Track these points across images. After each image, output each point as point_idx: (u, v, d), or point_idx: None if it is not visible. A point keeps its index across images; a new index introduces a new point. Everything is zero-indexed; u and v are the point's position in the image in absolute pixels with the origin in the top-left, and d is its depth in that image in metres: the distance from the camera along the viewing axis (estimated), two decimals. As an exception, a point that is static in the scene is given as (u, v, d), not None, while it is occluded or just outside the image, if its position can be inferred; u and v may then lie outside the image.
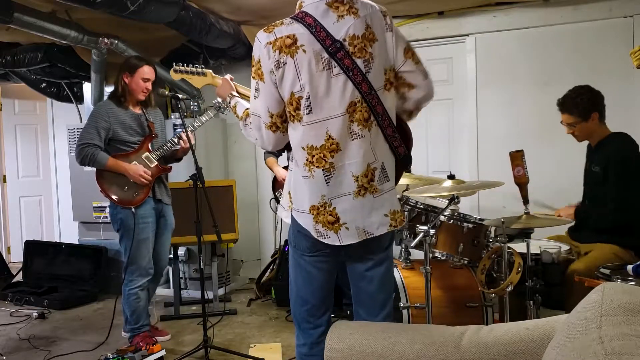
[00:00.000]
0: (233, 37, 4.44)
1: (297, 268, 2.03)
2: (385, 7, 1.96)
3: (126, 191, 3.34)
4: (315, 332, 2.04)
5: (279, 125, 1.91)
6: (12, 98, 6.60)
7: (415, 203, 3.06)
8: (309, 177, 1.90)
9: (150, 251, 3.43)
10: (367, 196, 1.90)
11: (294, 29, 1.83)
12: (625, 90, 3.88)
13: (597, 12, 4.00)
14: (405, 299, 2.88)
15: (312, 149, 1.88)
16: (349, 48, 1.84)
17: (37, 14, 3.63)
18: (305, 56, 1.81)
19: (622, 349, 0.97)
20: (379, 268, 2.01)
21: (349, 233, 1.90)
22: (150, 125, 3.50)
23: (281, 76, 1.83)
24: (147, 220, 3.38)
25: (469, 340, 1.47)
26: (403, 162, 2.01)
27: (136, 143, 3.42)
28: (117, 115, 3.36)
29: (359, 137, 1.88)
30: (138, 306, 3.40)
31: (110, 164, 3.30)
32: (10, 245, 6.67)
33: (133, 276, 3.37)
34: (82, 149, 3.28)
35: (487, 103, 4.34)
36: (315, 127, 1.86)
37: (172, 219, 3.62)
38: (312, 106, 1.84)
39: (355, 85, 1.85)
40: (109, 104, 3.40)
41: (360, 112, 1.87)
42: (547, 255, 2.73)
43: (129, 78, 3.38)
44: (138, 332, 3.42)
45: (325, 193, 1.89)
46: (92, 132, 3.30)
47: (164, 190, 3.54)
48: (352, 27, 1.85)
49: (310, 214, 1.91)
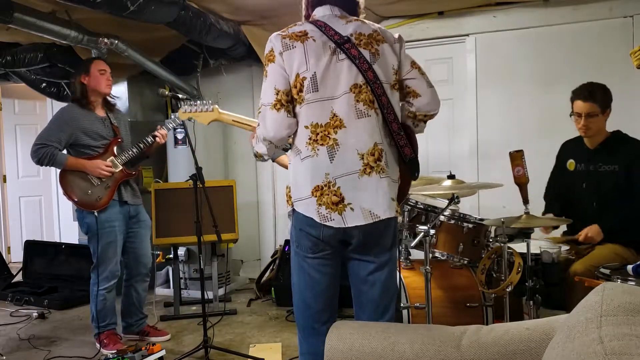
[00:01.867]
0: (233, 37, 4.44)
1: (299, 272, 2.00)
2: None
3: (89, 195, 3.33)
4: (320, 340, 1.95)
5: (284, 103, 1.90)
6: (12, 98, 6.60)
7: (415, 203, 3.06)
8: (312, 155, 1.89)
9: (118, 254, 3.45)
10: (373, 175, 1.88)
11: (305, 27, 1.95)
12: (625, 90, 3.88)
13: (597, 12, 4.00)
14: (405, 299, 2.88)
15: (317, 126, 1.89)
16: (356, 41, 1.92)
17: (37, 14, 3.63)
18: (314, 43, 1.90)
19: (622, 349, 0.97)
20: (381, 272, 1.98)
21: (354, 214, 1.87)
22: (115, 129, 3.49)
23: (289, 56, 1.90)
24: (113, 224, 3.38)
25: (469, 340, 1.47)
26: (409, 165, 1.99)
27: (100, 147, 3.40)
28: (80, 119, 3.36)
29: (365, 115, 1.90)
30: (104, 306, 3.43)
31: (70, 162, 3.30)
32: (10, 245, 6.67)
33: (100, 278, 3.38)
34: (39, 149, 3.26)
35: (487, 103, 4.34)
36: (319, 105, 1.89)
37: (145, 217, 3.63)
38: (318, 84, 1.88)
39: (361, 71, 1.90)
40: (73, 108, 3.39)
41: (366, 94, 1.91)
42: (547, 255, 2.72)
43: (87, 78, 3.39)
44: (104, 329, 3.43)
45: (329, 171, 1.88)
46: (52, 133, 3.31)
47: (131, 191, 3.52)
48: (359, 27, 1.97)
49: (313, 196, 1.89)
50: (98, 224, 3.32)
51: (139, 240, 3.57)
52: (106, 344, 3.40)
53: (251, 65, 5.13)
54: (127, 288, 3.60)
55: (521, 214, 2.73)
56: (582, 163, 3.08)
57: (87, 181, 3.33)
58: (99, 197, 3.34)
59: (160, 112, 5.59)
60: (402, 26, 4.40)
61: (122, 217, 3.45)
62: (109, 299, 3.45)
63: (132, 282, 3.59)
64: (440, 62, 4.49)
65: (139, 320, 3.66)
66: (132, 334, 3.64)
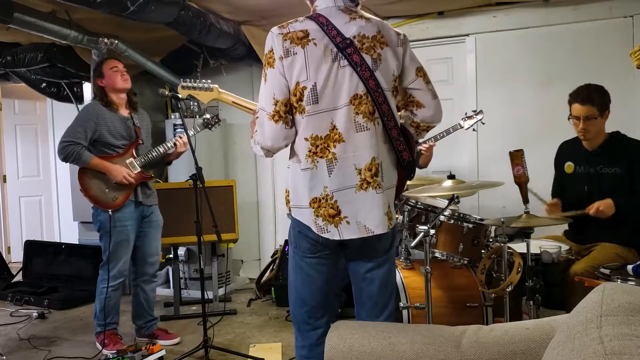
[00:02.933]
0: (233, 37, 4.44)
1: (297, 270, 2.03)
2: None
3: (106, 194, 3.34)
4: (314, 334, 2.03)
5: (282, 115, 1.88)
6: (12, 98, 6.60)
7: (415, 203, 3.06)
8: (311, 168, 1.89)
9: (128, 254, 3.45)
10: (369, 191, 1.89)
11: (306, 25, 1.89)
12: (625, 90, 3.88)
13: (597, 12, 3.99)
14: (405, 299, 2.88)
15: (317, 139, 1.88)
16: (358, 45, 1.88)
17: (37, 14, 3.63)
18: (316, 49, 1.86)
19: (622, 349, 0.97)
20: (379, 270, 2.02)
21: (349, 228, 1.89)
22: (137, 130, 3.49)
23: (290, 64, 1.86)
24: (126, 223, 3.39)
25: (469, 340, 1.47)
26: (406, 169, 2.01)
27: (120, 147, 3.41)
28: (105, 117, 3.36)
29: (364, 129, 1.88)
30: (108, 304, 3.43)
31: (94, 162, 3.30)
32: (10, 245, 6.67)
33: (108, 275, 3.38)
34: (67, 146, 3.27)
35: (487, 103, 4.33)
36: (319, 117, 1.87)
37: (158, 217, 3.63)
38: (318, 96, 1.86)
39: (363, 80, 1.87)
40: (98, 105, 3.40)
41: (365, 105, 1.88)
42: (547, 255, 2.72)
43: (102, 80, 3.40)
44: (105, 328, 3.43)
45: (327, 185, 1.88)
46: (79, 130, 3.30)
47: (147, 192, 3.53)
48: (362, 28, 1.91)
49: (311, 207, 1.90)
50: (111, 222, 3.32)
51: (148, 240, 3.56)
52: (107, 344, 3.41)
53: (251, 65, 5.13)
54: (135, 288, 3.61)
55: (521, 213, 2.73)
56: (582, 165, 3.06)
57: (105, 180, 3.34)
58: (115, 197, 3.36)
59: (160, 112, 5.59)
60: (402, 26, 4.40)
61: (135, 217, 3.45)
62: (114, 298, 3.45)
63: (139, 282, 3.59)
64: (440, 62, 4.49)
65: (148, 322, 3.63)
66: (143, 337, 3.61)
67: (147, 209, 3.54)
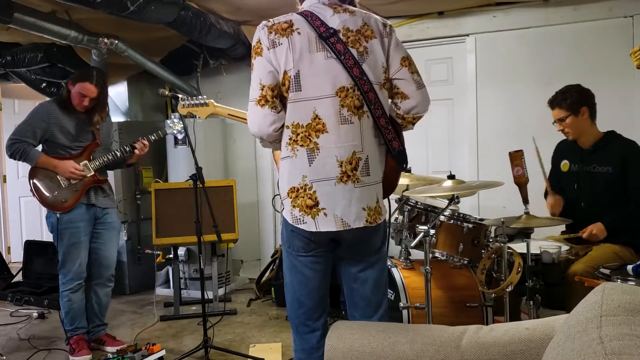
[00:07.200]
0: (233, 37, 4.44)
1: (292, 270, 2.01)
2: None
3: (55, 196, 3.30)
4: (312, 337, 2.02)
5: (268, 99, 1.87)
6: (12, 98, 6.60)
7: (415, 203, 3.06)
8: (290, 157, 1.89)
9: (82, 255, 3.37)
10: (348, 184, 1.87)
11: (291, 17, 1.92)
12: (625, 90, 3.88)
13: (597, 12, 3.99)
14: (405, 299, 2.88)
15: (298, 127, 1.88)
16: (343, 38, 1.89)
17: (37, 14, 3.63)
18: (300, 37, 1.87)
19: (622, 349, 0.97)
20: (371, 270, 2.01)
21: (326, 220, 1.87)
22: (95, 133, 3.44)
23: (276, 54, 1.87)
24: (77, 225, 3.33)
25: (469, 340, 1.47)
26: (397, 158, 1.98)
27: (74, 149, 3.36)
28: (58, 117, 3.31)
29: (348, 122, 1.88)
30: (71, 308, 3.36)
31: (42, 160, 3.28)
32: (10, 245, 6.67)
33: (65, 279, 3.34)
34: (13, 144, 3.26)
35: (487, 103, 4.34)
36: (301, 105, 1.87)
37: (113, 219, 3.53)
38: (301, 84, 1.86)
39: (347, 68, 1.86)
40: (52, 105, 3.36)
41: (352, 99, 1.88)
42: (547, 255, 2.72)
43: (72, 87, 3.32)
44: (72, 334, 3.37)
45: (306, 174, 1.87)
46: (27, 129, 3.28)
47: (101, 194, 3.45)
48: (347, 21, 1.92)
49: (288, 197, 1.89)
50: (60, 224, 3.28)
51: (102, 242, 3.47)
52: (74, 350, 3.32)
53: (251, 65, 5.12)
54: (88, 290, 3.47)
55: (521, 214, 2.73)
56: (576, 164, 3.10)
57: (55, 181, 3.29)
58: (64, 200, 3.30)
59: (160, 112, 5.59)
60: (402, 26, 4.39)
61: (87, 219, 3.37)
62: (75, 301, 3.36)
63: (92, 285, 3.48)
64: (440, 62, 4.48)
65: (96, 327, 3.53)
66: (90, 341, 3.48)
67: (101, 210, 3.45)
